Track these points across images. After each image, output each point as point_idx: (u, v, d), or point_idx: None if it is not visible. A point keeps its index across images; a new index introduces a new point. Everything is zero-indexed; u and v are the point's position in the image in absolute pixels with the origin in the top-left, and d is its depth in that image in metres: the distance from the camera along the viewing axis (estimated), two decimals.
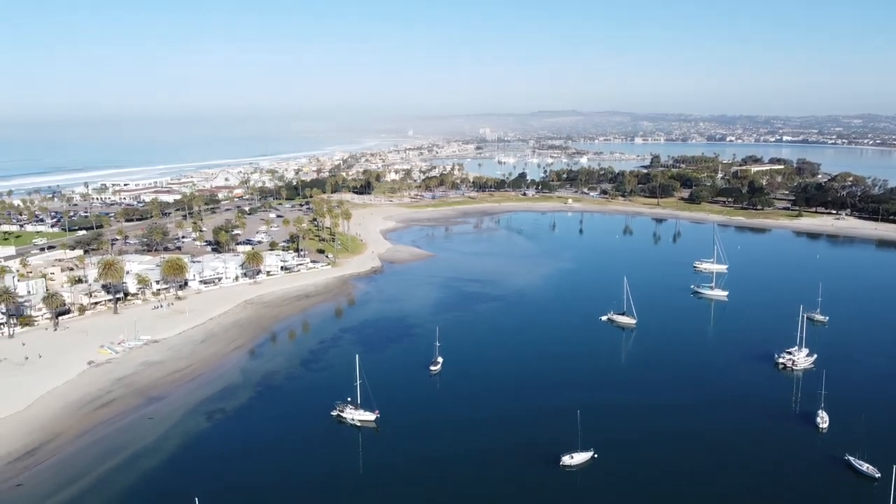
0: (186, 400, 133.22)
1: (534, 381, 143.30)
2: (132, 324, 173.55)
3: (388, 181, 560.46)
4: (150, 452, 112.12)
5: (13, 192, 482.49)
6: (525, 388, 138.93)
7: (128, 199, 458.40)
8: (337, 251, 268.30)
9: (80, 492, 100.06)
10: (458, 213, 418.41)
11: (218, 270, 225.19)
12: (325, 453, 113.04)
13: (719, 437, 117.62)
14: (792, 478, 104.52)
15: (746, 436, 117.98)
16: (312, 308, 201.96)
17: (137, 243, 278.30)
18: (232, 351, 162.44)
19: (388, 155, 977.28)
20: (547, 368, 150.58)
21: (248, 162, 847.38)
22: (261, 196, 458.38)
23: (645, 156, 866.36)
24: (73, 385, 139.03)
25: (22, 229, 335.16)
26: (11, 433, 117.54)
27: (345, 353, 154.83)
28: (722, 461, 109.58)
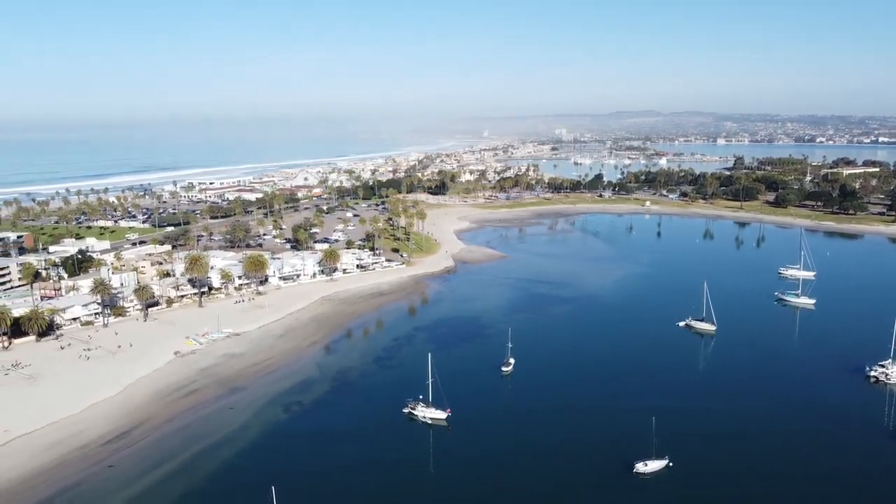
0: (265, 391, 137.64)
1: (607, 385, 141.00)
2: (215, 317, 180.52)
3: (462, 182, 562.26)
4: (231, 441, 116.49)
5: (109, 189, 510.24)
6: (598, 393, 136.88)
7: (213, 198, 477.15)
8: (411, 250, 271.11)
9: (166, 475, 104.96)
10: (533, 214, 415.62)
11: (296, 267, 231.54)
12: (397, 449, 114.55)
13: (803, 452, 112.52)
14: (880, 497, 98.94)
15: (832, 452, 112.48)
16: (386, 306, 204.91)
17: (221, 240, 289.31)
18: (309, 346, 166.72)
19: (464, 156, 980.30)
20: (621, 373, 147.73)
21: (327, 162, 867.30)
22: (338, 195, 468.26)
23: (728, 157, 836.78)
24: (161, 373, 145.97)
25: (116, 225, 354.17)
26: (105, 417, 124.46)
27: (417, 351, 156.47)
28: (805, 477, 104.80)
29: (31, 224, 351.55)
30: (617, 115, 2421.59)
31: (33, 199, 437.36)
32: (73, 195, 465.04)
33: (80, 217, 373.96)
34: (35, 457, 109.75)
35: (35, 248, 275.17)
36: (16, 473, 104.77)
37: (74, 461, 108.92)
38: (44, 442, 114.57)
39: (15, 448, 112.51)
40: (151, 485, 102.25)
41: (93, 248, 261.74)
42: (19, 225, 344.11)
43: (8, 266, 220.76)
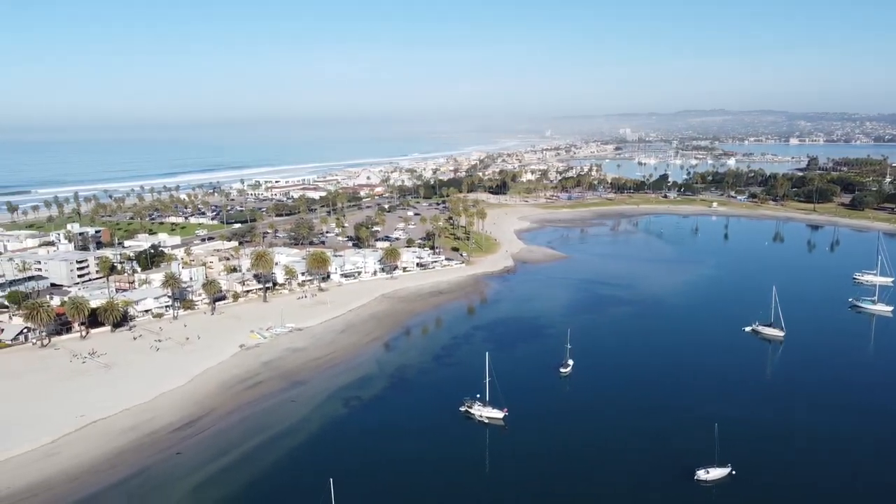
0: (326, 386, 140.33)
1: (668, 389, 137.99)
2: (279, 312, 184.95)
3: (523, 181, 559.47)
4: (292, 433, 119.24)
5: (180, 187, 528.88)
6: (659, 396, 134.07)
7: (278, 196, 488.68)
8: (471, 250, 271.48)
9: (230, 464, 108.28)
10: (595, 214, 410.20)
11: (358, 265, 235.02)
12: (453, 447, 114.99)
13: (873, 464, 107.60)
14: None
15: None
16: (445, 305, 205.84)
17: (286, 237, 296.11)
18: (369, 342, 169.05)
19: (525, 155, 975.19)
20: (683, 378, 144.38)
21: (389, 161, 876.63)
22: (400, 194, 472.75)
23: (801, 158, 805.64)
24: (227, 365, 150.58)
25: (187, 221, 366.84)
26: (173, 405, 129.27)
27: (475, 350, 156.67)
28: (874, 491, 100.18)
29: (108, 220, 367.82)
30: (684, 115, 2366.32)
31: (111, 196, 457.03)
32: (147, 192, 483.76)
33: (154, 213, 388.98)
34: (110, 441, 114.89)
35: (111, 242, 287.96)
36: (93, 455, 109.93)
37: (145, 446, 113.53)
38: (118, 427, 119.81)
39: (92, 432, 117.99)
40: (215, 473, 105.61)
41: (164, 244, 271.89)
42: (97, 220, 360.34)
43: (87, 259, 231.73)
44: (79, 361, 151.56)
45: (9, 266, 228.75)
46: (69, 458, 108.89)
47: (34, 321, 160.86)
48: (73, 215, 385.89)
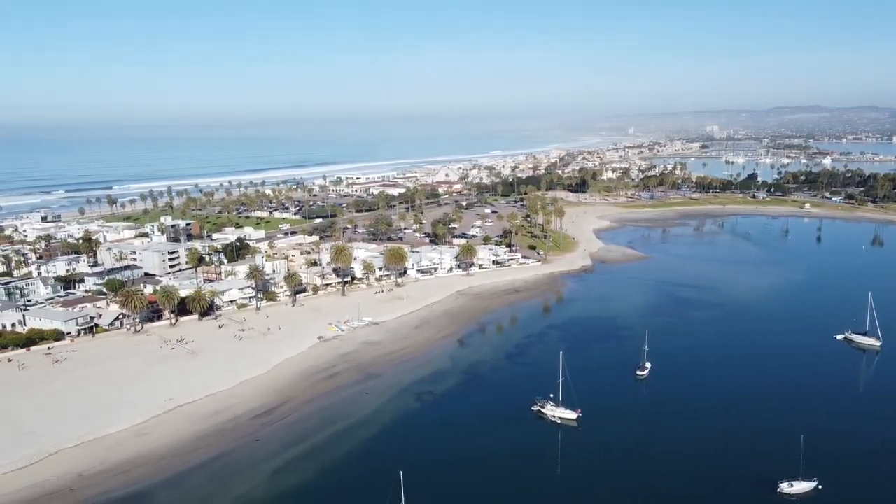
0: (399, 379, 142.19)
1: (752, 397, 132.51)
2: (356, 305, 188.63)
3: (604, 179, 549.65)
4: (365, 424, 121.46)
5: (266, 182, 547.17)
6: (741, 404, 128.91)
7: (358, 192, 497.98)
8: (548, 248, 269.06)
9: (305, 452, 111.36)
10: (678, 214, 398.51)
11: (434, 261, 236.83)
12: (524, 447, 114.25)
13: None
14: None
15: None
16: (520, 303, 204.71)
17: (364, 232, 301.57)
18: (443, 338, 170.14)
19: (606, 153, 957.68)
20: (768, 385, 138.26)
21: (468, 158, 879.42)
22: (478, 192, 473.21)
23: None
24: (305, 356, 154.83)
25: (271, 216, 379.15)
26: (254, 393, 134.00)
27: (549, 349, 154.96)
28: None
29: (198, 213, 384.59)
30: (776, 111, 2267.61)
31: (201, 191, 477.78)
32: (235, 187, 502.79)
33: (240, 207, 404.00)
34: (195, 424, 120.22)
35: (200, 235, 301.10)
36: (179, 437, 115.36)
37: (227, 431, 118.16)
38: (202, 412, 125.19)
39: (178, 415, 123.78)
40: (292, 460, 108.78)
41: (249, 237, 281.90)
42: (188, 214, 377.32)
43: (178, 251, 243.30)
44: (168, 347, 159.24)
45: (107, 255, 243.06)
46: (158, 439, 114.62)
47: (129, 308, 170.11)
48: (167, 208, 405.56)
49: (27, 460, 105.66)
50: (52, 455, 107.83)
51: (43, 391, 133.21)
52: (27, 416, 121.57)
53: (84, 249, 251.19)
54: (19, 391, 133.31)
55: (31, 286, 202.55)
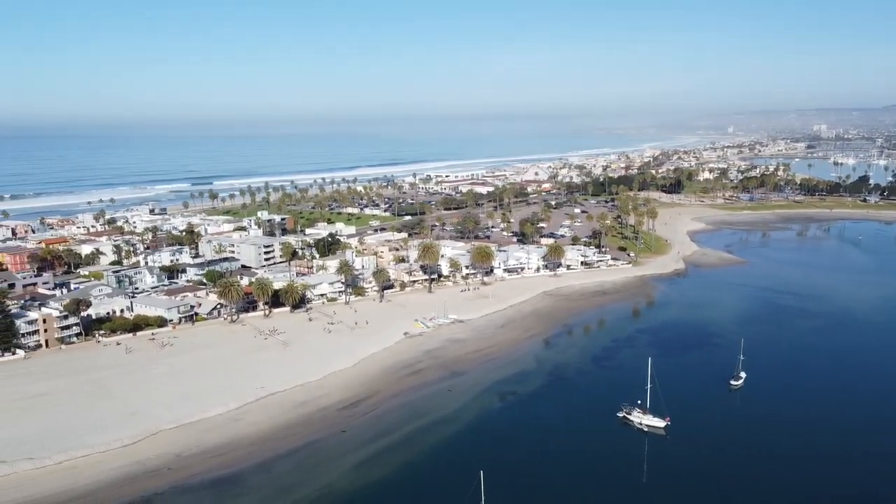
0: (483, 378, 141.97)
1: (857, 415, 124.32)
2: (442, 303, 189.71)
3: (700, 180, 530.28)
4: (448, 421, 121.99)
5: (357, 179, 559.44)
6: (845, 422, 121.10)
7: (447, 190, 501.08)
8: (639, 250, 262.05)
9: (389, 445, 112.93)
10: (779, 217, 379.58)
11: (521, 260, 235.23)
12: (609, 452, 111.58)
13: None
14: None
15: None
16: (609, 305, 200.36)
17: (452, 230, 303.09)
18: (528, 338, 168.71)
19: (704, 153, 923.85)
20: (877, 407, 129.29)
21: (558, 157, 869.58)
22: (567, 191, 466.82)
23: None
24: (391, 351, 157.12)
25: (361, 212, 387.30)
26: (341, 385, 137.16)
27: (638, 354, 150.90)
28: None
29: (292, 208, 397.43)
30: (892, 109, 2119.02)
31: (296, 187, 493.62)
32: (328, 184, 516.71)
33: (332, 204, 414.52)
34: (284, 413, 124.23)
35: (294, 230, 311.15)
36: (269, 424, 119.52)
37: (315, 421, 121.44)
38: (292, 401, 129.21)
39: (269, 403, 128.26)
40: (376, 453, 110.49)
41: (341, 233, 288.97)
42: (284, 209, 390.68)
43: (273, 244, 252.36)
44: (261, 338, 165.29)
45: (208, 248, 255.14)
46: (250, 425, 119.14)
47: (226, 298, 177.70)
48: (263, 204, 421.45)
49: (131, 439, 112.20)
50: (153, 435, 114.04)
51: (146, 374, 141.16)
52: (132, 396, 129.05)
53: (187, 241, 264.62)
54: (126, 373, 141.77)
55: (139, 275, 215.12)
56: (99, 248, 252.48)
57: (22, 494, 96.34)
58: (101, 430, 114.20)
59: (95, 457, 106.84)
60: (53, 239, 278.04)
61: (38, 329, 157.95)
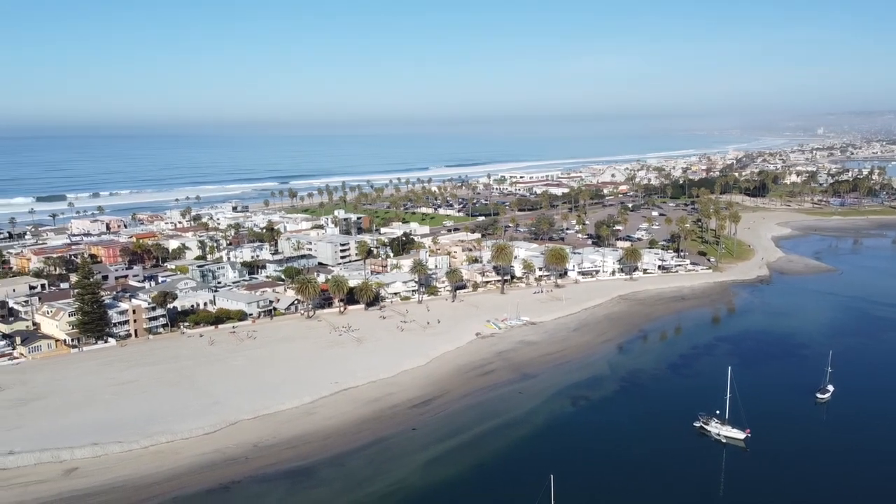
0: (555, 382, 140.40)
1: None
2: (515, 304, 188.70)
3: (786, 183, 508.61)
4: (518, 423, 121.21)
5: (432, 179, 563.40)
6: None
7: (521, 191, 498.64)
8: (720, 255, 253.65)
9: (459, 445, 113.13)
10: (873, 224, 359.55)
11: (596, 263, 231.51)
12: (684, 463, 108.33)
13: None
14: None
15: None
16: (687, 311, 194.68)
17: (526, 231, 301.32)
18: (602, 343, 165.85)
19: (791, 155, 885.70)
20: None
21: (636, 158, 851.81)
22: (645, 193, 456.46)
23: None
24: (462, 351, 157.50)
25: (435, 212, 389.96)
26: (413, 383, 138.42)
27: (716, 362, 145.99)
28: None
29: (368, 208, 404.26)
30: None
31: (372, 187, 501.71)
32: (403, 184, 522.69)
33: (407, 203, 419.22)
34: (357, 409, 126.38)
35: (370, 228, 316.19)
36: (342, 419, 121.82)
37: (386, 418, 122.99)
38: (364, 397, 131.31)
39: (343, 398, 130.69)
40: (445, 452, 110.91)
41: (415, 232, 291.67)
42: (360, 208, 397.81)
43: (348, 243, 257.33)
44: (336, 334, 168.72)
45: (287, 245, 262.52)
46: (323, 419, 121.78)
47: (303, 294, 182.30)
48: (340, 203, 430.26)
49: (212, 427, 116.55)
50: (232, 424, 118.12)
51: (227, 365, 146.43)
52: (214, 386, 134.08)
53: (267, 238, 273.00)
54: (208, 364, 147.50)
55: (221, 270, 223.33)
56: (185, 243, 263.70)
57: (111, 476, 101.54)
58: (185, 417, 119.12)
59: (179, 443, 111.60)
60: (144, 234, 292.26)
61: (128, 319, 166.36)
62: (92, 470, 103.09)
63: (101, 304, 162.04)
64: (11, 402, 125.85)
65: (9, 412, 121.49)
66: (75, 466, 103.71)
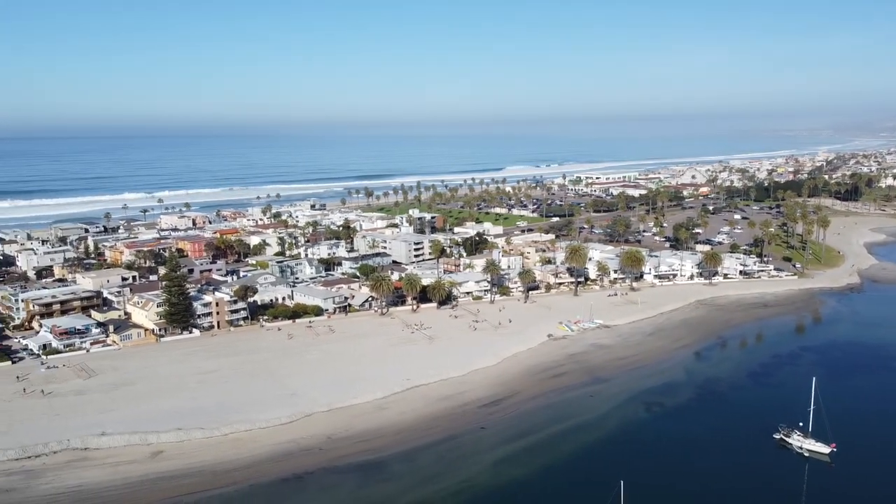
0: (628, 387, 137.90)
1: None
2: (588, 307, 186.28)
3: (881, 187, 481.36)
4: (589, 427, 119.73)
5: (506, 180, 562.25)
6: None
7: (597, 192, 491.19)
8: (806, 261, 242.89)
9: (528, 447, 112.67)
10: None
11: (674, 267, 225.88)
12: (762, 476, 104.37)
13: None
14: None
15: None
16: (770, 318, 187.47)
17: (601, 233, 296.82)
18: (678, 348, 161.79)
19: (887, 157, 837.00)
20: None
21: (718, 160, 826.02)
22: (727, 195, 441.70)
23: None
24: (534, 352, 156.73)
25: (509, 212, 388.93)
26: (483, 383, 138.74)
27: (800, 373, 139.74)
28: None
29: (442, 207, 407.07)
30: None
31: (446, 186, 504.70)
32: (477, 184, 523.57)
33: (481, 203, 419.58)
34: (428, 406, 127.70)
35: (443, 228, 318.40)
36: (413, 416, 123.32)
37: (456, 416, 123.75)
38: (435, 394, 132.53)
39: (414, 395, 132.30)
40: (514, 452, 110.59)
41: (488, 232, 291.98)
42: (434, 207, 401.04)
43: (422, 242, 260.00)
44: (409, 331, 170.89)
45: (362, 243, 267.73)
46: (395, 414, 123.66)
47: (377, 292, 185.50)
48: (415, 202, 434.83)
49: (288, 418, 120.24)
50: (307, 416, 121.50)
51: (303, 359, 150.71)
52: (291, 378, 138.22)
53: (343, 236, 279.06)
54: (286, 356, 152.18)
55: (299, 266, 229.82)
56: (265, 239, 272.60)
57: (193, 460, 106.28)
58: (263, 407, 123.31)
59: (256, 432, 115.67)
60: (227, 230, 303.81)
61: (211, 311, 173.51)
62: (175, 454, 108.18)
63: (186, 297, 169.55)
64: (104, 387, 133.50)
65: (102, 396, 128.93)
66: (161, 450, 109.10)
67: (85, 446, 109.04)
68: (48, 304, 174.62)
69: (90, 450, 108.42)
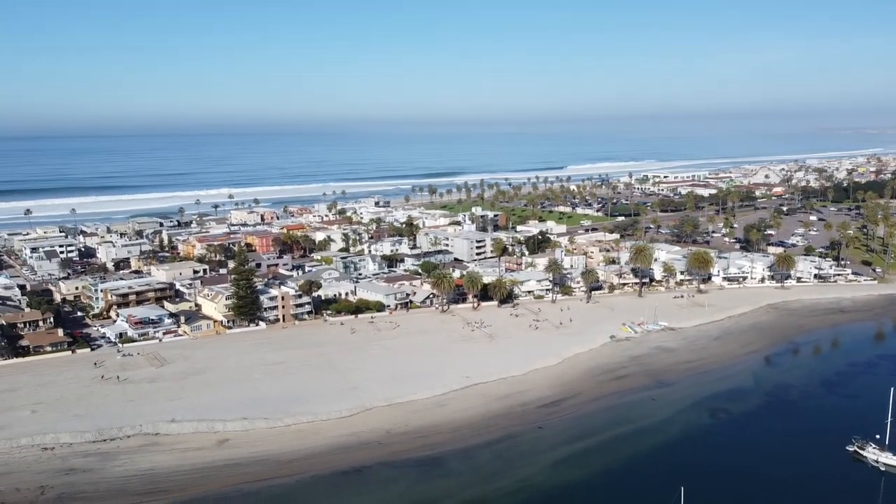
0: (692, 391, 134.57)
1: None
2: (653, 308, 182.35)
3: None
4: (650, 431, 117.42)
5: (571, 178, 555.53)
6: None
7: (665, 191, 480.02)
8: (888, 265, 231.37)
9: (586, 448, 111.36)
10: None
11: (744, 269, 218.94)
12: (833, 490, 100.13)
13: None
14: None
15: None
16: (846, 325, 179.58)
17: (668, 233, 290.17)
18: (746, 353, 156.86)
19: None
20: None
21: (793, 159, 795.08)
22: (802, 196, 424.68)
23: None
24: (595, 353, 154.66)
25: (573, 211, 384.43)
26: (543, 382, 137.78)
27: (878, 382, 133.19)
28: None
29: (505, 205, 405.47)
30: None
31: (510, 184, 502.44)
32: (541, 182, 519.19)
33: (544, 202, 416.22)
34: (486, 403, 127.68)
35: (506, 226, 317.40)
36: (472, 413, 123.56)
37: (515, 415, 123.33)
38: (494, 393, 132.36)
39: (473, 392, 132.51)
40: (574, 454, 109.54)
41: (551, 231, 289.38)
42: (497, 205, 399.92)
43: (484, 240, 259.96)
44: (469, 329, 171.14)
45: (425, 240, 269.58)
46: (454, 411, 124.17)
47: (439, 289, 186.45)
48: (478, 200, 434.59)
49: (349, 411, 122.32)
50: (367, 410, 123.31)
51: (365, 353, 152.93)
52: (352, 372, 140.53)
53: (406, 233, 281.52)
54: (348, 351, 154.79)
55: (363, 262, 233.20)
56: (330, 235, 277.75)
57: (256, 449, 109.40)
58: (325, 400, 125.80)
59: (318, 424, 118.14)
60: (293, 225, 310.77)
61: (277, 305, 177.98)
62: (241, 442, 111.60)
63: (254, 290, 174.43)
64: (175, 375, 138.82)
65: (173, 384, 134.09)
66: (227, 438, 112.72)
67: (156, 432, 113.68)
68: (125, 294, 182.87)
69: (160, 435, 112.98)
